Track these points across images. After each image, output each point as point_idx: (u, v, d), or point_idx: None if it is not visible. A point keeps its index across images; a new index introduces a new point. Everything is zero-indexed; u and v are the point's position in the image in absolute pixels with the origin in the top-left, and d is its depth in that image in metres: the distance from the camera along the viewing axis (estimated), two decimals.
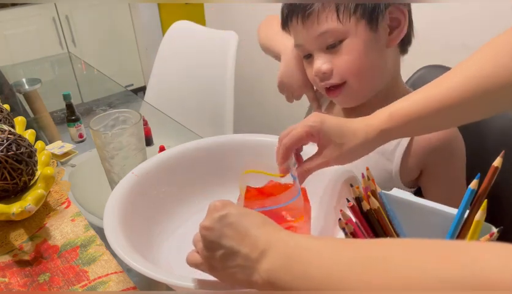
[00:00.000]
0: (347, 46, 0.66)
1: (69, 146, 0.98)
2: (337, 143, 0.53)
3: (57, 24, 2.65)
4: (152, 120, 1.04)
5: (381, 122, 0.52)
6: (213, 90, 1.35)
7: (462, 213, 0.44)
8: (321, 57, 0.68)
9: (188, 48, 1.47)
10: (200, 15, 2.23)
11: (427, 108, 0.51)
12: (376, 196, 0.51)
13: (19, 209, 0.66)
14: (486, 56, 0.49)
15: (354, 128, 0.53)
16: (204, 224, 0.42)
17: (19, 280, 0.61)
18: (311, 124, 0.54)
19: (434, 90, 0.51)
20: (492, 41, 0.50)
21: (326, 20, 0.65)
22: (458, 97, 0.49)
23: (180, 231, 0.67)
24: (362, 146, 0.53)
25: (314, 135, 0.54)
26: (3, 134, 0.73)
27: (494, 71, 0.47)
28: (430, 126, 0.54)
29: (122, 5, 2.84)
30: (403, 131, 0.53)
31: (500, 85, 0.47)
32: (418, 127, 0.53)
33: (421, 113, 0.51)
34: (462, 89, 0.49)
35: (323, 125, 0.53)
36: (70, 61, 1.89)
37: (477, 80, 0.48)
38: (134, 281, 0.60)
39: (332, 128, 0.53)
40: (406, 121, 0.51)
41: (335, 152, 0.54)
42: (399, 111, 0.52)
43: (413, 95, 0.53)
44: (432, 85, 0.52)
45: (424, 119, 0.51)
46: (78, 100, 1.41)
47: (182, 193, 0.71)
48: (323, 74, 0.69)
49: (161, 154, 0.72)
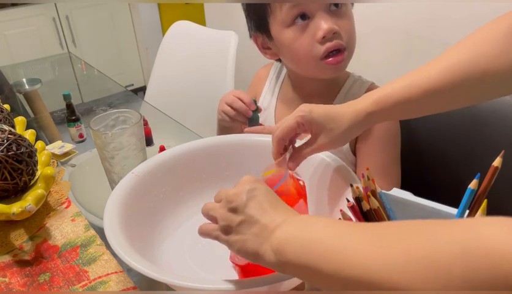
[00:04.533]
0: (347, 11, 0.71)
1: (69, 146, 0.98)
2: (327, 128, 0.56)
3: (57, 24, 2.66)
4: (152, 120, 1.04)
5: (367, 106, 0.55)
6: (213, 90, 1.35)
7: (462, 213, 0.44)
8: (327, 18, 0.70)
9: (188, 48, 1.47)
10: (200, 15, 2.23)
11: (409, 93, 0.52)
12: (376, 196, 0.51)
13: (20, 209, 0.66)
14: (467, 45, 0.51)
15: (342, 113, 0.56)
16: (233, 191, 0.45)
17: (19, 280, 0.62)
18: (301, 114, 0.56)
19: (416, 77, 0.53)
20: (474, 32, 0.52)
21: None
22: (438, 83, 0.51)
23: (180, 231, 0.67)
24: (351, 129, 0.56)
25: (305, 124, 0.56)
26: (4, 134, 0.73)
27: (474, 59, 0.49)
28: (414, 111, 0.56)
29: (122, 5, 2.84)
30: (388, 115, 0.55)
31: (479, 73, 0.49)
32: (402, 111, 0.55)
33: (405, 98, 0.53)
34: (442, 76, 0.51)
35: (312, 114, 0.55)
36: (70, 61, 1.89)
37: (457, 68, 0.50)
38: (134, 281, 0.60)
39: (321, 116, 0.56)
40: (390, 106, 0.53)
41: (326, 137, 0.56)
42: (383, 97, 0.54)
43: (397, 81, 0.54)
44: (415, 72, 0.54)
45: (406, 104, 0.53)
46: (78, 100, 1.41)
47: (182, 193, 0.71)
48: (334, 34, 0.70)
49: (161, 154, 0.72)
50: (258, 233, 0.41)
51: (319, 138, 0.56)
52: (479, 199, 0.44)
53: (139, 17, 2.90)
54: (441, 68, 0.51)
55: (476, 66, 0.49)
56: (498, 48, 0.48)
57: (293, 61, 0.78)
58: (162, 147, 0.90)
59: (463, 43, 0.52)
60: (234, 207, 0.43)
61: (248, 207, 0.42)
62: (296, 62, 0.77)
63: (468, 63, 0.49)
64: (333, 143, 0.56)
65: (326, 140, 0.56)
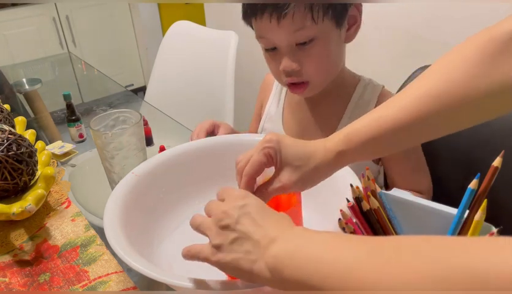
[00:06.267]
0: (317, 46, 0.69)
1: (69, 146, 0.98)
2: (294, 165, 0.49)
3: (57, 24, 2.66)
4: (152, 120, 1.04)
5: (338, 144, 0.50)
6: (213, 90, 1.35)
7: (462, 213, 0.44)
8: (290, 54, 0.70)
9: (188, 48, 1.47)
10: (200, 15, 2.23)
11: (380, 129, 0.48)
12: (376, 196, 0.51)
13: (20, 209, 0.66)
14: (438, 73, 0.47)
15: (312, 150, 0.50)
16: (223, 208, 0.43)
17: (19, 280, 0.62)
18: (268, 145, 0.50)
19: (386, 111, 0.48)
20: (443, 57, 0.48)
21: (302, 18, 0.66)
22: (409, 117, 0.47)
23: (180, 231, 0.67)
24: (320, 168, 0.50)
25: (272, 156, 0.50)
26: (4, 134, 0.73)
27: (445, 89, 0.45)
28: (386, 147, 0.51)
29: (122, 5, 2.84)
30: (360, 153, 0.50)
31: (452, 102, 0.45)
32: (374, 148, 0.50)
33: (374, 134, 0.48)
34: (413, 109, 0.46)
35: (280, 145, 0.50)
36: (70, 61, 1.89)
37: (428, 99, 0.46)
38: (134, 281, 0.60)
39: (289, 149, 0.50)
40: (361, 143, 0.49)
41: (293, 176, 0.49)
42: (353, 133, 0.49)
43: (367, 116, 0.50)
44: (384, 105, 0.49)
45: (377, 140, 0.48)
46: (78, 100, 1.41)
47: (182, 193, 0.71)
48: (292, 71, 0.71)
49: (161, 154, 0.72)
50: (252, 250, 0.39)
51: (282, 174, 0.50)
52: (479, 199, 0.44)
53: (139, 17, 2.90)
54: (410, 100, 0.47)
55: (448, 95, 0.45)
56: (468, 72, 0.44)
57: None
58: (162, 147, 0.90)
59: (432, 70, 0.48)
60: (225, 224, 0.41)
61: (240, 224, 0.41)
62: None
63: (439, 92, 0.45)
64: (299, 183, 0.50)
65: (291, 179, 0.49)
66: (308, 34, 0.67)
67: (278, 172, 0.50)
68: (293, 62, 0.70)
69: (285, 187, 0.50)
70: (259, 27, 0.71)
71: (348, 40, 0.73)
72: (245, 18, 0.73)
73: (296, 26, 0.67)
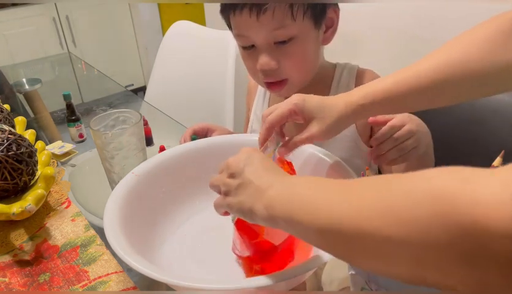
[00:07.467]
0: (295, 44, 0.70)
1: (69, 146, 0.98)
2: (319, 117, 0.57)
3: (57, 24, 2.66)
4: (152, 120, 1.04)
5: (359, 99, 0.56)
6: (213, 90, 1.35)
7: None
8: (268, 52, 0.70)
9: (188, 48, 1.47)
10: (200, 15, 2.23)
11: (397, 90, 0.54)
12: None
13: (20, 209, 0.66)
14: (455, 46, 0.52)
15: (333, 104, 0.57)
16: (232, 159, 0.49)
17: (19, 280, 0.62)
18: (295, 102, 0.57)
19: (404, 74, 0.54)
20: (463, 33, 0.53)
21: (281, 16, 0.67)
22: (425, 81, 0.52)
23: (181, 231, 0.67)
24: (342, 119, 0.57)
25: (297, 112, 0.57)
26: (4, 134, 0.73)
27: (460, 60, 0.51)
28: (402, 107, 0.57)
29: (122, 5, 2.85)
30: (377, 109, 0.57)
31: (465, 73, 0.50)
32: (390, 107, 0.56)
33: (391, 94, 0.54)
34: (429, 74, 0.52)
35: (305, 103, 0.57)
36: (70, 61, 1.89)
37: (444, 67, 0.51)
38: (134, 281, 0.60)
39: (313, 105, 0.57)
40: (379, 101, 0.55)
41: (317, 126, 0.57)
42: (374, 91, 0.56)
43: (387, 78, 0.56)
44: (404, 69, 0.55)
45: (394, 100, 0.54)
46: (78, 100, 1.41)
47: (182, 193, 0.71)
48: (269, 70, 0.71)
49: (161, 154, 0.72)
50: (253, 194, 0.44)
51: (310, 126, 0.58)
52: None
53: (139, 17, 2.90)
54: (429, 67, 0.53)
55: (462, 66, 0.50)
56: (485, 48, 0.50)
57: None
58: (162, 147, 0.90)
59: (454, 42, 0.53)
60: (232, 172, 0.47)
61: (245, 172, 0.46)
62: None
63: (455, 63, 0.51)
64: (324, 133, 0.57)
65: (317, 128, 0.57)
66: (288, 33, 0.68)
67: (306, 125, 0.58)
68: (271, 60, 0.70)
69: (312, 137, 0.58)
70: (238, 23, 0.71)
71: (325, 42, 0.75)
72: (224, 12, 0.73)
73: (276, 24, 0.67)
